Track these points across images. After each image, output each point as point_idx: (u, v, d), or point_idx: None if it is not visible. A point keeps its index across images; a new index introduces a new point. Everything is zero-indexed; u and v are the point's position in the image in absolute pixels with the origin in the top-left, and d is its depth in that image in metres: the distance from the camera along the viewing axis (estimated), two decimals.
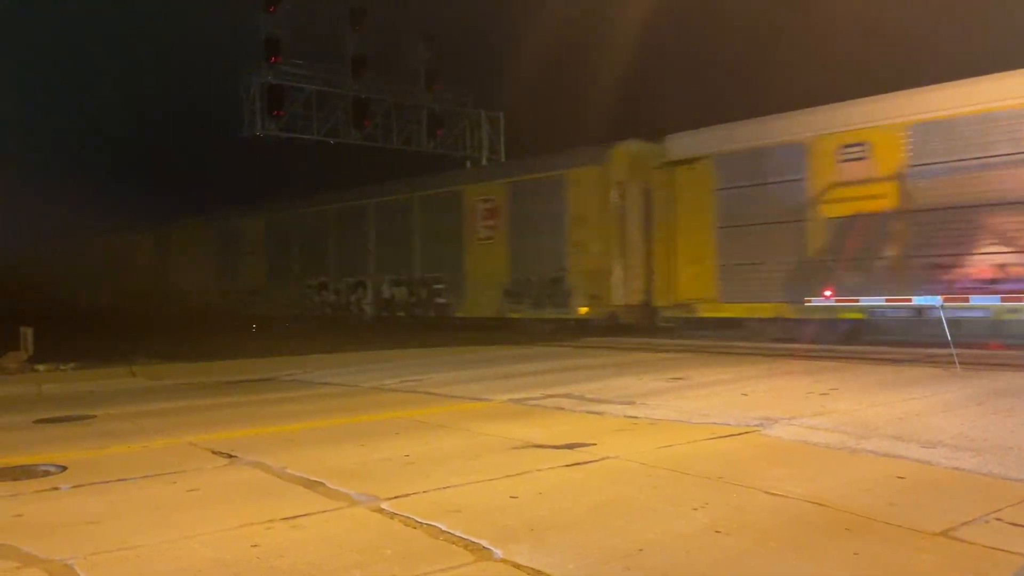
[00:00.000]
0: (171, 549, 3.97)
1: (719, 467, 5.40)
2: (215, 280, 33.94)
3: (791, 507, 4.48)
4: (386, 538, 4.08)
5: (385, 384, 10.64)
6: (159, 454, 6.34)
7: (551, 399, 8.74)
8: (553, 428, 7.06)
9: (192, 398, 9.78)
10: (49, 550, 3.95)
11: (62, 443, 6.91)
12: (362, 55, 29.42)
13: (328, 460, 5.90)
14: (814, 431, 6.58)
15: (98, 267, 42.15)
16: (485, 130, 33.17)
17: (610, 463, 5.67)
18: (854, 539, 3.93)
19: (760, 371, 11.01)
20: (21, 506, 4.84)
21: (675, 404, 8.16)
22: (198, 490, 5.15)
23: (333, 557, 3.80)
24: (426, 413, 8.13)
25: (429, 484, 5.10)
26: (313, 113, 29.05)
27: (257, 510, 4.56)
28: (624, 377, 10.56)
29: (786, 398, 8.43)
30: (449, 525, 4.20)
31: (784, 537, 3.98)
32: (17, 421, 8.19)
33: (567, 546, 3.89)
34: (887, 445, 5.96)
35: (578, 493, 4.90)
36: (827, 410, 7.55)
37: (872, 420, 6.98)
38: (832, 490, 4.78)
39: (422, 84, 31.07)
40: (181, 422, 7.90)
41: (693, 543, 3.92)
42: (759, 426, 6.85)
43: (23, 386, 11.21)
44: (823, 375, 10.29)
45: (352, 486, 5.06)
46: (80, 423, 8.03)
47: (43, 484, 5.37)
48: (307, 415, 8.26)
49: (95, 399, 9.81)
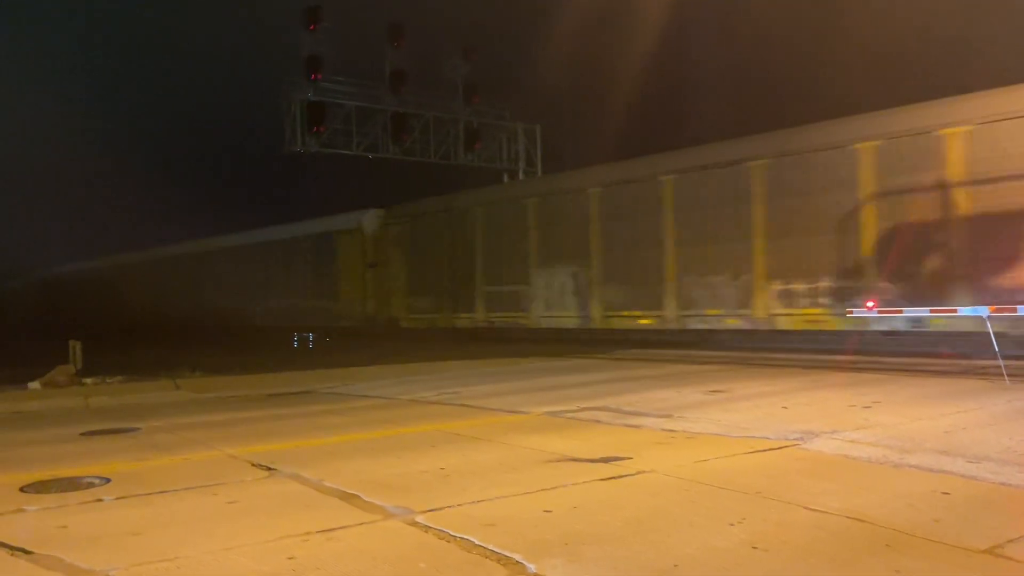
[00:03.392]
0: (210, 560, 4.03)
1: (758, 482, 5.32)
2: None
3: (831, 523, 4.39)
4: (420, 551, 4.09)
5: (423, 397, 10.68)
6: (200, 466, 6.44)
7: (588, 412, 8.70)
8: (589, 441, 7.02)
9: (233, 411, 9.93)
10: (92, 561, 4.03)
11: (107, 455, 7.07)
12: (401, 70, 29.72)
13: (365, 472, 5.95)
14: (856, 445, 6.45)
15: (146, 282, 43.02)
16: (522, 142, 33.27)
17: (646, 477, 5.62)
18: (896, 556, 3.84)
19: (802, 383, 10.84)
20: (66, 517, 4.95)
21: (714, 417, 8.07)
22: (237, 502, 5.22)
23: (367, 569, 3.82)
24: (463, 426, 8.15)
25: (464, 497, 5.11)
26: (353, 128, 29.40)
27: (294, 522, 4.61)
28: (662, 389, 10.47)
29: (828, 411, 8.28)
30: (483, 539, 4.20)
31: (823, 553, 3.90)
32: (65, 434, 8.40)
33: (601, 561, 3.86)
34: (932, 460, 5.82)
35: (613, 507, 4.87)
36: (870, 423, 7.40)
37: (916, 434, 6.82)
38: (874, 506, 4.68)
39: (460, 98, 31.29)
40: (222, 434, 8.02)
41: (729, 559, 3.86)
42: (799, 440, 6.74)
43: (71, 399, 11.48)
44: (866, 387, 10.09)
45: (388, 499, 5.09)
46: (125, 435, 8.20)
47: (88, 496, 5.49)
48: (345, 428, 8.34)
49: (140, 412, 10.02)
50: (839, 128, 16.20)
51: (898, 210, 14.85)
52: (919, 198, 14.53)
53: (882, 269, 14.90)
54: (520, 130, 33.29)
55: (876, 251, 15.05)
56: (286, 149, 28.48)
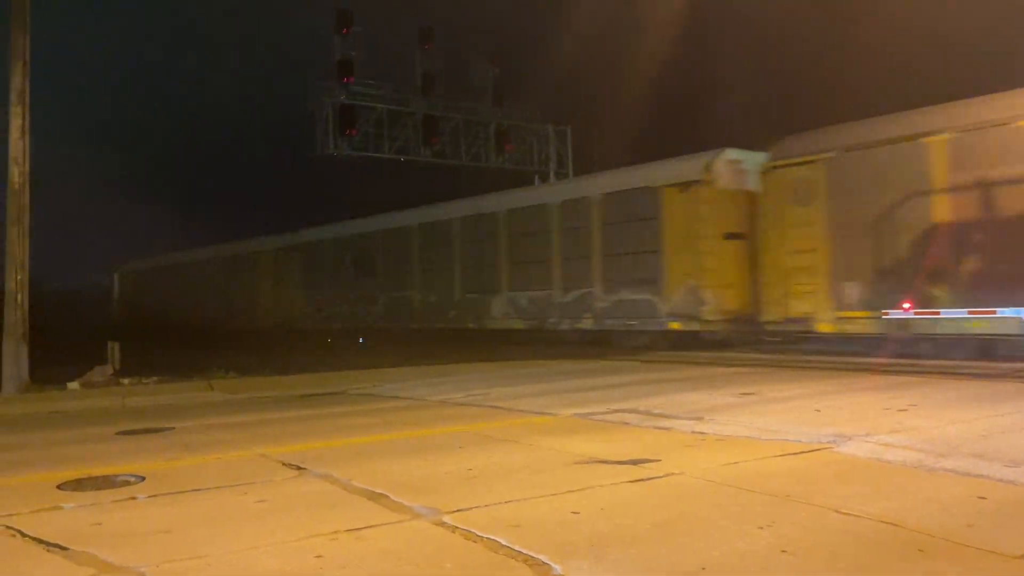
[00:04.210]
0: (239, 559, 4.08)
1: (788, 485, 5.26)
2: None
3: (863, 527, 4.32)
4: (446, 552, 4.10)
5: (451, 398, 10.71)
6: (231, 465, 6.52)
7: (616, 414, 8.66)
8: (617, 443, 6.99)
9: (265, 411, 10.04)
10: (124, 558, 4.10)
11: (141, 454, 7.18)
12: (431, 73, 29.90)
13: (393, 473, 5.98)
14: (890, 448, 6.35)
15: (180, 286, 43.54)
16: (553, 144, 33.27)
17: (674, 479, 5.58)
18: (929, 561, 3.77)
19: (835, 386, 10.69)
20: (101, 514, 5.04)
21: (744, 420, 7.98)
22: (266, 501, 5.28)
23: (394, 569, 3.84)
24: (491, 427, 8.15)
25: (491, 498, 5.11)
26: (384, 131, 29.61)
27: (322, 521, 4.65)
28: (692, 392, 10.39)
29: (861, 414, 8.16)
30: (509, 540, 4.20)
31: (854, 558, 3.85)
32: (101, 433, 8.56)
33: (628, 563, 3.84)
34: (968, 464, 5.70)
35: (641, 509, 4.84)
36: (905, 427, 7.27)
37: (953, 437, 6.69)
38: (907, 510, 4.60)
39: (490, 100, 31.37)
40: (253, 434, 8.12)
41: (757, 563, 3.82)
42: (831, 443, 6.64)
43: (108, 399, 11.70)
44: (902, 390, 9.93)
45: (415, 499, 5.11)
46: (159, 435, 8.33)
47: (122, 494, 5.59)
48: (374, 428, 8.39)
49: (174, 412, 10.17)
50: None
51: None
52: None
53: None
54: (551, 131, 33.29)
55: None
56: (319, 152, 28.76)
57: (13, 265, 13.48)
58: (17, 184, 13.55)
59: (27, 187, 13.67)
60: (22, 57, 13.64)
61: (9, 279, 13.46)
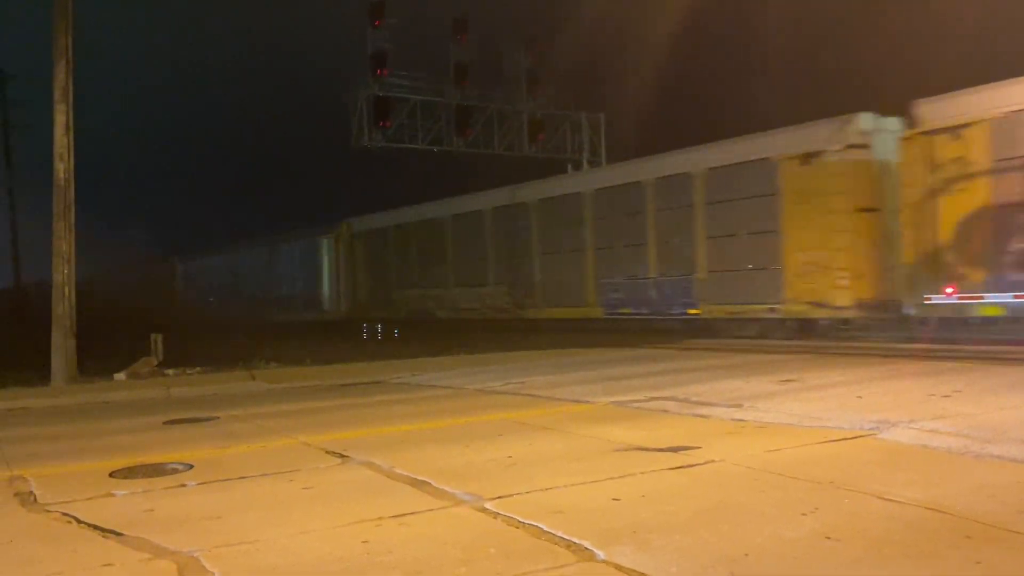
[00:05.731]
0: (288, 543, 4.17)
1: (831, 472, 5.22)
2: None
3: (908, 513, 4.28)
4: (489, 537, 4.15)
5: (490, 387, 10.78)
6: (277, 454, 6.65)
7: (655, 402, 8.65)
8: (657, 431, 6.99)
9: (307, 400, 10.20)
10: (177, 542, 4.21)
11: (189, 443, 7.35)
12: (464, 64, 29.92)
13: (434, 460, 6.05)
14: (935, 435, 6.26)
15: (222, 279, 44.03)
16: (586, 132, 33.12)
17: (715, 466, 5.58)
18: (976, 548, 3.73)
19: (878, 373, 10.55)
20: (152, 501, 5.18)
21: (785, 407, 7.93)
22: (312, 488, 5.38)
23: (438, 554, 3.90)
24: (529, 415, 8.20)
25: (532, 485, 5.15)
26: (418, 122, 29.71)
27: (367, 508, 4.73)
28: (732, 379, 10.33)
29: (905, 400, 8.05)
30: (551, 525, 4.23)
31: (900, 544, 3.82)
32: (149, 422, 8.77)
33: (670, 549, 3.86)
34: (1016, 450, 5.61)
35: (682, 496, 4.85)
36: (950, 413, 7.17)
37: (1000, 423, 6.58)
38: (953, 496, 4.54)
39: (523, 89, 31.32)
40: (297, 423, 8.26)
41: (801, 549, 3.81)
42: (874, 429, 6.57)
43: (154, 390, 11.96)
44: (946, 376, 9.77)
45: (457, 486, 5.17)
46: (205, 424, 8.51)
47: (172, 481, 5.73)
48: (415, 417, 8.48)
49: (218, 401, 10.38)
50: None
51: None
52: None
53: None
54: (585, 120, 33.13)
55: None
56: (354, 144, 28.95)
57: (59, 259, 13.80)
58: (62, 180, 13.87)
59: (72, 182, 13.98)
60: (64, 55, 13.93)
61: (56, 272, 13.78)
